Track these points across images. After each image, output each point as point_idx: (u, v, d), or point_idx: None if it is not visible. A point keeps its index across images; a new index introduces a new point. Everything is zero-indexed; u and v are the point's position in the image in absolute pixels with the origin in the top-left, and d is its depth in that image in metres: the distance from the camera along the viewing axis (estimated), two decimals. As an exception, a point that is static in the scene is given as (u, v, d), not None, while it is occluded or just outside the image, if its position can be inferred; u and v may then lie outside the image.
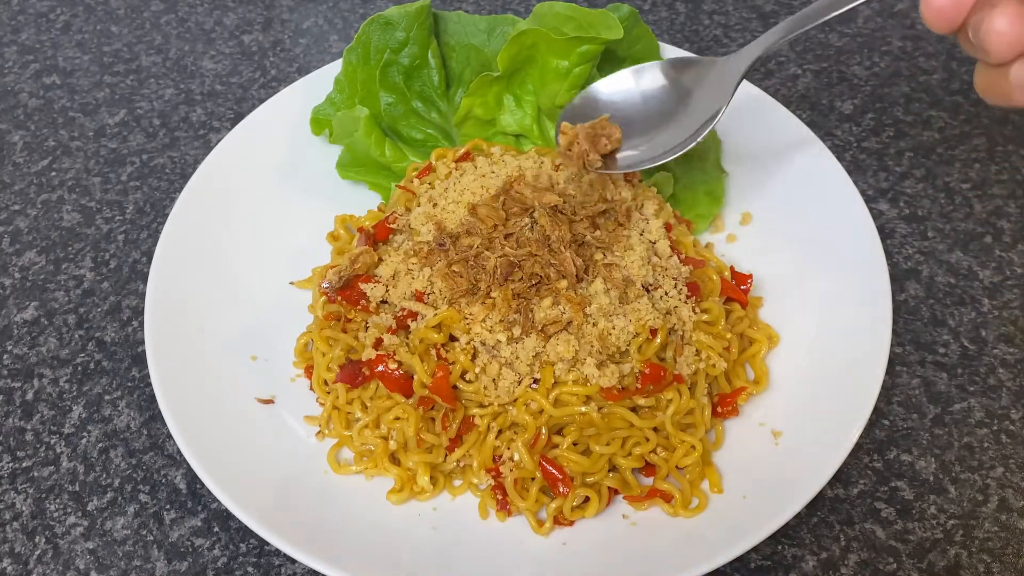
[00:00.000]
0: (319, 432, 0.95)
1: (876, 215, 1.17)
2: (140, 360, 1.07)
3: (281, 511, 0.85)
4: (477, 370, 0.88)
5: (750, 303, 1.01)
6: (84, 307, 1.13)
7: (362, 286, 0.95)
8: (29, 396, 1.05)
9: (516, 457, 0.88)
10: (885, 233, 1.17)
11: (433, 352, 0.89)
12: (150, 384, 1.00)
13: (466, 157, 1.06)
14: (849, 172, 1.08)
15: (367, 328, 0.94)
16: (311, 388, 0.98)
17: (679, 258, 0.96)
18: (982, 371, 1.04)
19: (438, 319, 0.88)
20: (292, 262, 1.08)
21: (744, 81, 1.18)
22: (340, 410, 0.95)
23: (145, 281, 1.10)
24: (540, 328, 0.88)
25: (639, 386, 0.88)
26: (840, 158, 1.12)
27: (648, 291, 0.92)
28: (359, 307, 0.95)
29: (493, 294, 0.89)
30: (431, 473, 0.90)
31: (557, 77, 1.07)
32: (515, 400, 0.88)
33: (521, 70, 1.11)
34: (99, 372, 1.06)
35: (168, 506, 0.95)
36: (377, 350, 0.91)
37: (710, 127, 0.94)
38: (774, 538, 0.91)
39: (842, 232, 1.03)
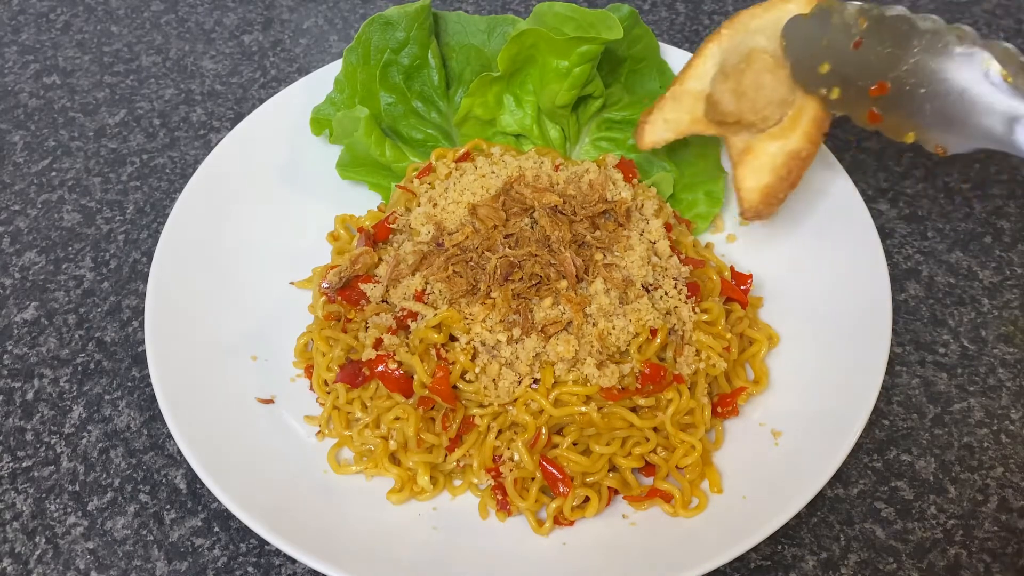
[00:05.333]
0: (319, 432, 0.95)
1: (876, 215, 1.17)
2: (140, 360, 1.07)
3: (281, 511, 0.85)
4: (477, 370, 0.88)
5: (750, 303, 1.01)
6: (84, 307, 1.13)
7: (362, 286, 0.95)
8: (29, 396, 1.05)
9: (516, 457, 0.88)
10: (885, 233, 1.17)
11: (433, 352, 0.89)
12: (150, 384, 1.00)
13: (466, 157, 1.06)
14: (849, 172, 1.08)
15: (367, 328, 0.94)
16: (311, 388, 0.98)
17: (679, 258, 0.96)
18: (982, 371, 1.04)
19: (438, 319, 0.88)
20: (292, 262, 1.08)
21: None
22: (340, 410, 0.95)
23: (145, 281, 1.10)
24: (540, 328, 0.88)
25: (639, 386, 0.88)
26: (840, 158, 1.11)
27: (648, 291, 0.92)
28: (359, 307, 0.95)
29: (493, 294, 0.89)
30: (431, 473, 0.90)
31: (557, 77, 1.07)
32: (515, 400, 0.88)
33: (521, 70, 1.11)
34: (99, 372, 1.06)
35: (168, 506, 0.95)
36: (377, 350, 0.91)
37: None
38: (774, 538, 0.91)
39: (842, 232, 1.03)
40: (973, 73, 0.82)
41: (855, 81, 0.92)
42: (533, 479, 0.88)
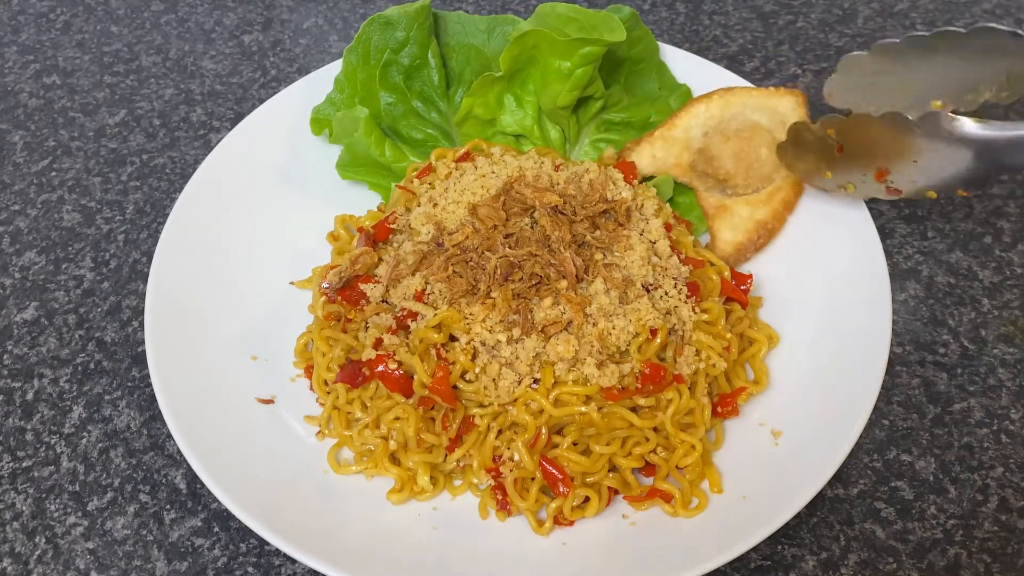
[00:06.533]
0: (319, 432, 0.95)
1: (876, 215, 1.17)
2: (140, 360, 1.07)
3: (281, 511, 0.84)
4: (477, 370, 0.88)
5: (750, 303, 1.01)
6: (84, 307, 1.13)
7: (362, 286, 0.95)
8: (29, 396, 1.05)
9: (516, 457, 0.88)
10: (885, 233, 1.17)
11: (433, 352, 0.89)
12: (150, 384, 1.00)
13: (466, 157, 1.06)
14: (849, 172, 1.08)
15: (367, 328, 0.94)
16: (311, 388, 0.98)
17: (679, 258, 0.96)
18: (982, 371, 1.04)
19: (438, 319, 0.88)
20: (292, 262, 1.08)
21: (741, 81, 1.18)
22: (340, 410, 0.95)
23: (145, 281, 1.10)
24: (540, 328, 0.88)
25: (639, 386, 0.88)
26: (840, 158, 1.12)
27: (648, 291, 0.92)
28: (359, 307, 0.95)
29: (493, 294, 0.89)
30: (431, 473, 0.90)
31: (559, 78, 1.07)
32: (515, 400, 0.88)
33: (523, 70, 1.11)
34: (99, 372, 1.06)
35: (168, 506, 0.95)
36: (377, 350, 0.91)
37: None
38: (774, 538, 0.91)
39: (842, 232, 1.03)
40: (946, 130, 0.88)
41: (859, 175, 0.98)
42: (533, 479, 0.88)
